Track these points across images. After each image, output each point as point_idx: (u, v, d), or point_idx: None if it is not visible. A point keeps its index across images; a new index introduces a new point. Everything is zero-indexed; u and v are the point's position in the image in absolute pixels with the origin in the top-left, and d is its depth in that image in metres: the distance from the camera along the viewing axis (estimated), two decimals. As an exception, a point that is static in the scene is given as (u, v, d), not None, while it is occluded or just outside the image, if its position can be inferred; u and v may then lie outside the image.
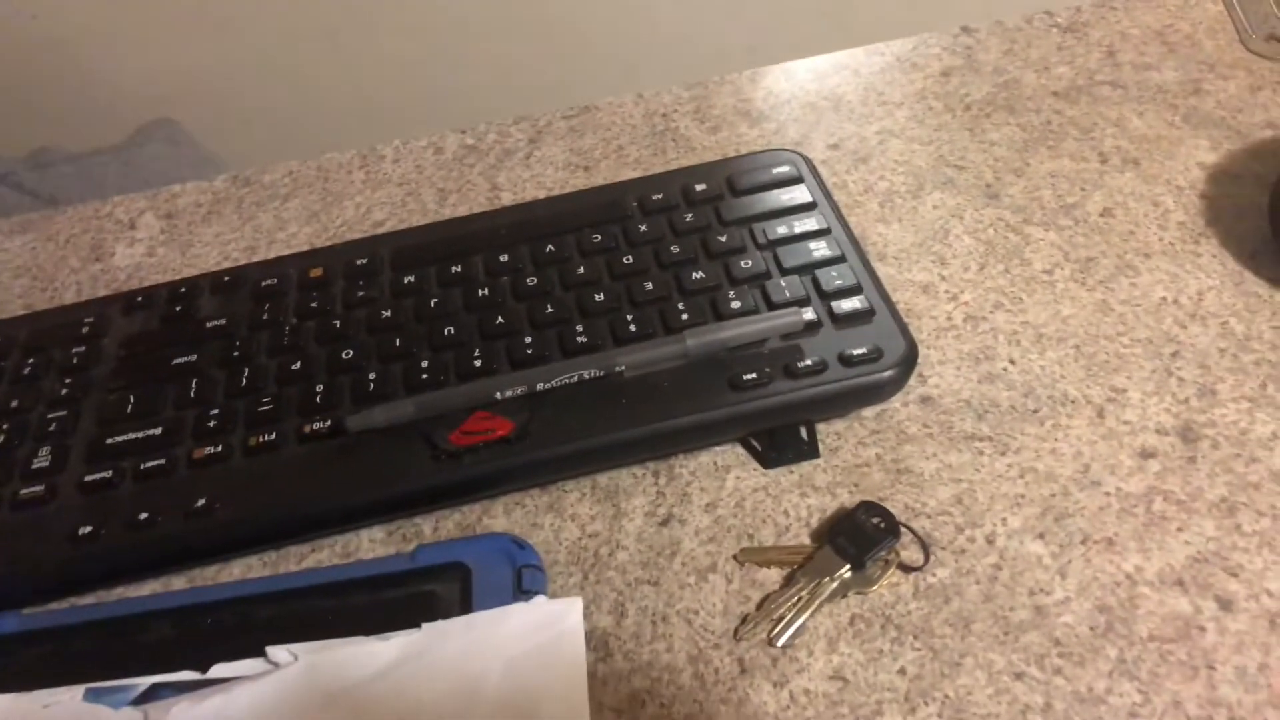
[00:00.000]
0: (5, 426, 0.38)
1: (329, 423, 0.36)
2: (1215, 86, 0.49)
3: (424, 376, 0.37)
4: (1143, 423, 0.36)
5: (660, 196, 0.43)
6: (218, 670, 0.31)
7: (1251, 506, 0.33)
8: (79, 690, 0.31)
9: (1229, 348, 0.38)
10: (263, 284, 0.42)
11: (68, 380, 0.39)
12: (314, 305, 0.41)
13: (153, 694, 0.31)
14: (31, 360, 0.40)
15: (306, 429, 0.36)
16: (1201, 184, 0.44)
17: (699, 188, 0.43)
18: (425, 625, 0.31)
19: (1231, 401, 0.36)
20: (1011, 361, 0.38)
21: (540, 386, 0.36)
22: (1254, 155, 0.45)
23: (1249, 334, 0.38)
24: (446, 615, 0.32)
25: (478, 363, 0.37)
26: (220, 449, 0.36)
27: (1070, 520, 0.34)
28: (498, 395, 0.35)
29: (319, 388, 0.37)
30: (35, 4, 1.00)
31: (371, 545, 0.36)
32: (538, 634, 0.31)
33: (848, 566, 0.32)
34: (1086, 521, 0.34)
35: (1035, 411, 0.37)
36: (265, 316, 0.40)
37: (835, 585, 0.32)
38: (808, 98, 0.52)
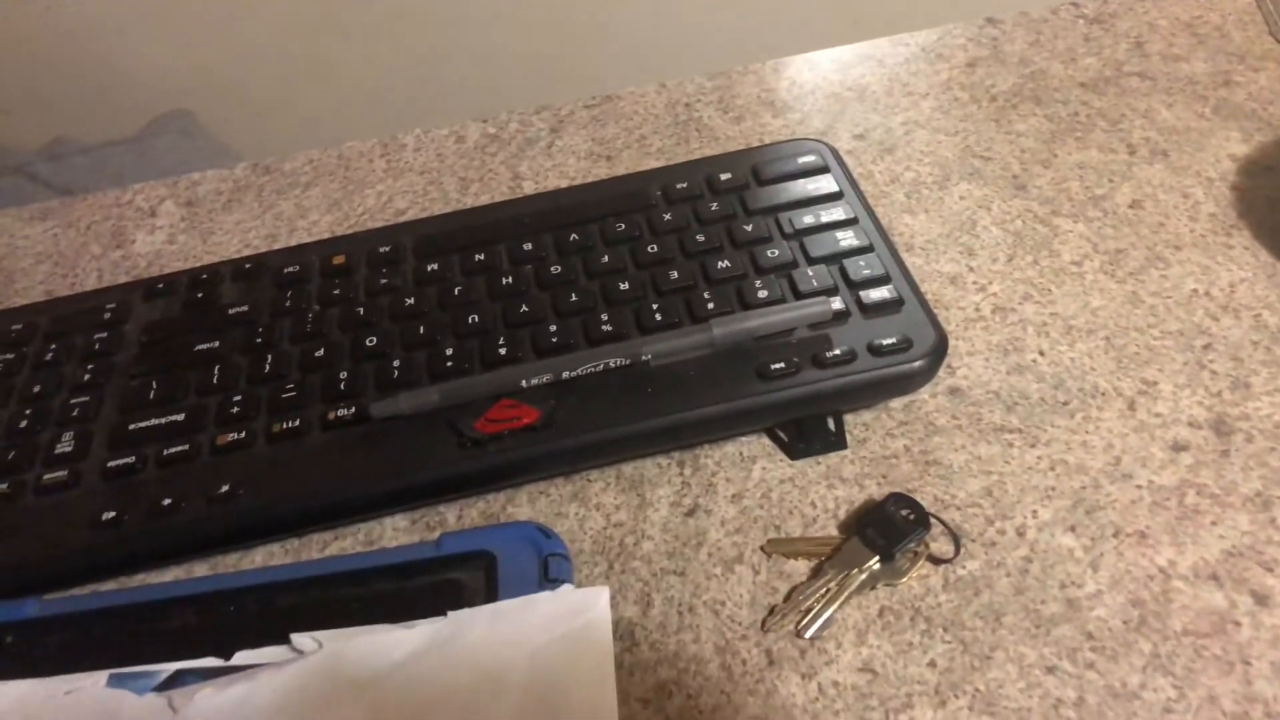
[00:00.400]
0: (28, 412, 0.38)
1: (353, 410, 0.36)
2: (1245, 78, 0.48)
3: (448, 364, 0.37)
4: (1175, 415, 0.36)
5: (685, 185, 0.43)
6: (241, 657, 0.31)
7: (1287, 501, 0.33)
8: (102, 676, 0.31)
9: (1262, 340, 0.37)
10: (285, 271, 0.42)
11: (90, 366, 0.39)
12: (337, 292, 0.40)
13: (176, 680, 0.31)
14: (54, 346, 0.40)
15: (330, 416, 0.36)
16: (1232, 175, 0.44)
17: (724, 177, 0.43)
18: (450, 613, 0.31)
19: (1265, 395, 0.36)
20: (1041, 353, 0.38)
21: (566, 375, 0.35)
22: (1286, 147, 0.44)
23: (1282, 327, 0.38)
24: (471, 604, 0.31)
25: (502, 350, 0.37)
26: (243, 435, 0.36)
27: (1101, 513, 0.33)
28: (523, 383, 0.35)
29: (343, 375, 0.37)
30: (50, -5, 1.00)
31: (395, 533, 0.35)
32: (564, 623, 0.31)
33: (876, 558, 0.32)
34: (1118, 514, 0.33)
35: (1065, 404, 0.36)
36: (288, 303, 0.40)
37: (864, 577, 0.32)
38: (832, 88, 0.51)
